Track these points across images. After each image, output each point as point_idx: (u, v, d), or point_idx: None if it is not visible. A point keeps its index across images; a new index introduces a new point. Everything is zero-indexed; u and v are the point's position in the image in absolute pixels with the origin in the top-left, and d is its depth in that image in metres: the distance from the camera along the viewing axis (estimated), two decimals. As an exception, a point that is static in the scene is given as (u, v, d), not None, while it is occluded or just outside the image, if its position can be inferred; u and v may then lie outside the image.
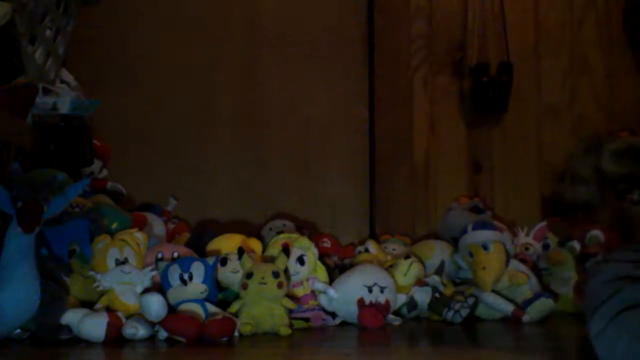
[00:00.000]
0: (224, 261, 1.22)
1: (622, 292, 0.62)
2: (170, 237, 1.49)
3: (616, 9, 1.85)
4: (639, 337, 0.59)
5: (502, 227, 1.38)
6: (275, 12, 1.84)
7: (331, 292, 1.22)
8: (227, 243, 1.29)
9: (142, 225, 1.36)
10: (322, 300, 1.23)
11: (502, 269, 1.31)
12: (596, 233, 1.34)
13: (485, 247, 1.31)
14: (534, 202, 1.80)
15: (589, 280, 0.67)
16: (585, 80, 1.84)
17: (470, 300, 1.28)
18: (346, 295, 1.22)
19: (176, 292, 1.12)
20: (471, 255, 1.32)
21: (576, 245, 1.34)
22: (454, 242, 1.42)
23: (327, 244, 1.52)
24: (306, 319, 1.22)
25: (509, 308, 1.29)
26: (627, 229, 1.50)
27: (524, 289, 1.31)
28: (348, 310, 1.22)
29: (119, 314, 1.10)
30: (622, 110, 1.82)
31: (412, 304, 1.29)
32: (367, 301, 1.21)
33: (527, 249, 1.50)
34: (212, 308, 1.13)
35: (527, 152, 1.82)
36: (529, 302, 1.29)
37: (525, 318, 1.28)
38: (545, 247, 1.49)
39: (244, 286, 1.14)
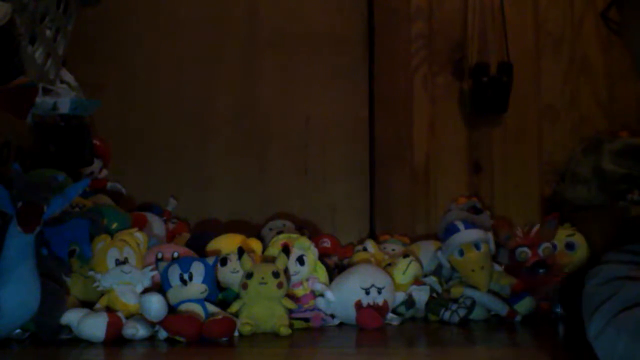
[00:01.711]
0: (224, 261, 1.22)
1: (619, 293, 0.62)
2: (170, 237, 1.49)
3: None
4: (637, 338, 0.59)
5: (489, 226, 1.40)
6: (275, 12, 1.84)
7: (329, 294, 1.22)
8: (227, 243, 1.29)
9: (142, 225, 1.36)
10: (320, 303, 1.23)
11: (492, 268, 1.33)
12: (525, 250, 1.36)
13: (477, 247, 1.31)
14: (534, 202, 1.80)
15: (586, 283, 0.67)
16: (585, 80, 1.84)
17: (468, 301, 1.28)
18: (343, 298, 1.22)
19: (176, 292, 1.12)
20: (461, 253, 1.32)
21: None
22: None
23: (327, 244, 1.52)
24: (306, 319, 1.22)
25: (505, 308, 1.29)
26: (627, 229, 1.50)
27: (506, 288, 1.33)
28: (346, 313, 1.22)
29: (119, 314, 1.10)
30: (622, 110, 1.82)
31: (409, 301, 1.29)
32: (364, 303, 1.21)
33: (526, 249, 1.49)
34: (212, 308, 1.13)
35: (527, 152, 1.82)
36: (514, 300, 1.30)
37: (517, 317, 1.29)
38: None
39: (244, 286, 1.15)
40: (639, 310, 0.60)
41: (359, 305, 1.21)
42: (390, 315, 1.25)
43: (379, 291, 1.22)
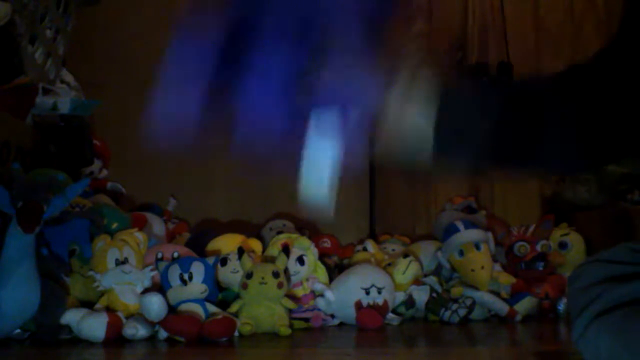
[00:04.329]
0: (224, 261, 1.22)
1: (600, 298, 0.63)
2: (170, 237, 1.49)
3: (616, 9, 1.85)
4: (617, 339, 0.60)
5: (487, 227, 1.40)
6: (275, 12, 1.84)
7: (329, 294, 1.22)
8: (227, 243, 1.29)
9: (142, 225, 1.36)
10: (320, 303, 1.23)
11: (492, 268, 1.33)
12: (524, 243, 1.37)
13: (477, 247, 1.31)
14: (534, 202, 1.80)
15: (570, 285, 0.68)
16: (585, 80, 1.83)
17: (468, 301, 1.28)
18: (343, 298, 1.22)
19: (176, 292, 1.12)
20: (461, 254, 1.31)
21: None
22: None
23: (327, 244, 1.52)
24: (306, 319, 1.22)
25: (504, 308, 1.29)
26: (627, 229, 1.50)
27: (506, 288, 1.33)
28: (346, 312, 1.22)
29: (119, 314, 1.10)
30: (622, 110, 1.82)
31: (409, 302, 1.29)
32: (364, 303, 1.21)
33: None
34: (212, 308, 1.13)
35: (527, 152, 1.82)
36: (515, 300, 1.31)
37: (517, 317, 1.29)
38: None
39: (244, 286, 1.14)
40: (618, 312, 0.61)
41: (359, 305, 1.21)
42: (390, 315, 1.25)
43: (379, 291, 1.22)
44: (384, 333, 1.18)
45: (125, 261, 1.15)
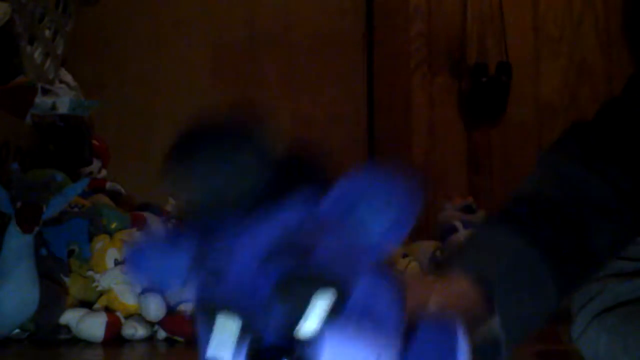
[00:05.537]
0: (223, 261, 1.22)
1: (601, 295, 0.62)
2: (170, 237, 1.48)
3: (615, 9, 1.85)
4: (616, 337, 0.60)
5: None
6: (275, 12, 1.84)
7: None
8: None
9: (141, 225, 1.36)
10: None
11: None
12: None
13: None
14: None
15: None
16: (585, 80, 1.84)
17: (469, 301, 1.28)
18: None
19: (176, 292, 1.12)
20: None
21: None
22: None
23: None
24: (305, 319, 1.22)
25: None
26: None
27: None
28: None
29: (118, 314, 1.10)
30: (621, 111, 1.82)
31: (410, 302, 1.29)
32: (364, 303, 1.21)
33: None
34: (211, 308, 1.13)
35: (527, 152, 1.82)
36: None
37: None
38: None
39: (243, 286, 1.14)
40: (619, 310, 0.61)
41: (358, 305, 1.21)
42: (389, 315, 1.25)
43: (378, 291, 1.22)
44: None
45: (124, 261, 1.15)
